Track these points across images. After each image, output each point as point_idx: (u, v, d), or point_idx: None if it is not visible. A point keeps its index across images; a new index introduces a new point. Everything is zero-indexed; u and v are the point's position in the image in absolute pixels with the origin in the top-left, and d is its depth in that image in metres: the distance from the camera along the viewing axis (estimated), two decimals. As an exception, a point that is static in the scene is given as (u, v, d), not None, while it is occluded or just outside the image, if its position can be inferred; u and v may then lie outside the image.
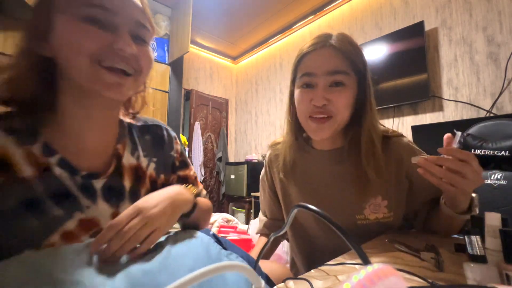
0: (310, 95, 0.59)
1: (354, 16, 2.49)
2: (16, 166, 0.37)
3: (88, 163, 0.43)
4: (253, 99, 3.67)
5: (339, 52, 0.59)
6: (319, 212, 0.31)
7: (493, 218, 0.38)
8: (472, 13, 1.78)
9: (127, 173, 0.47)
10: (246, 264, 0.40)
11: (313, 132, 0.62)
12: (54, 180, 0.39)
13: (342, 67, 0.58)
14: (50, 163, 0.39)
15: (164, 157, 0.55)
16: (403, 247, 0.49)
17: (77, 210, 0.40)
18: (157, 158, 0.54)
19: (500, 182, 1.01)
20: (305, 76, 0.60)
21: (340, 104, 0.58)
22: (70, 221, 0.39)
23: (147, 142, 0.53)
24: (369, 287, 0.12)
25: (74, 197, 0.40)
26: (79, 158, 0.42)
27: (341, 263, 0.44)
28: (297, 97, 0.63)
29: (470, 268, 0.34)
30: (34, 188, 0.37)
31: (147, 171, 0.51)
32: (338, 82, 0.58)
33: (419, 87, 1.91)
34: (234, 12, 2.84)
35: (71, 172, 0.40)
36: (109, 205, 0.43)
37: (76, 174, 0.41)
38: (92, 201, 0.42)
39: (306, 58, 0.62)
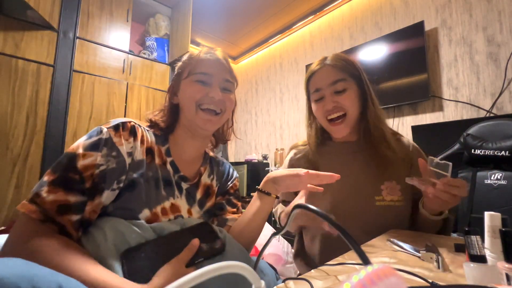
0: (322, 104, 0.78)
1: (354, 16, 2.49)
2: (155, 155, 0.60)
3: (183, 169, 0.64)
4: (253, 99, 3.67)
5: (334, 67, 0.78)
6: (319, 212, 0.31)
7: (493, 218, 0.38)
8: (472, 13, 1.78)
9: (201, 187, 0.67)
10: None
11: (334, 132, 0.79)
12: (167, 172, 0.60)
13: (338, 76, 0.76)
14: (167, 161, 0.62)
15: (225, 186, 0.74)
16: (403, 247, 0.49)
17: (172, 196, 0.59)
18: (221, 185, 0.73)
19: (500, 182, 1.01)
20: (315, 92, 0.80)
21: (347, 102, 0.75)
22: (167, 201, 0.58)
23: (220, 172, 0.74)
24: (369, 287, 0.12)
25: (173, 187, 0.60)
26: (180, 164, 0.64)
27: (341, 263, 0.44)
28: (314, 109, 0.83)
29: (470, 268, 0.34)
30: (158, 172, 0.59)
31: (215, 191, 0.71)
32: (340, 90, 0.75)
33: (419, 87, 1.91)
34: (234, 12, 2.84)
35: (174, 170, 0.62)
36: (187, 202, 0.62)
37: (177, 173, 0.62)
38: (180, 194, 0.61)
39: (313, 77, 0.82)
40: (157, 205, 0.55)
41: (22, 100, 1.81)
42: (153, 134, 0.62)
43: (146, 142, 0.59)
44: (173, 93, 0.68)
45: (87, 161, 0.48)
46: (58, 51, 1.99)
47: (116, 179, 0.51)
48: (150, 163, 0.58)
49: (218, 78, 0.64)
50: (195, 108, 0.62)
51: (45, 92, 1.92)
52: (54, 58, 1.97)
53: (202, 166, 0.69)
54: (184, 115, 0.65)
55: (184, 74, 0.64)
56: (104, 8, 2.25)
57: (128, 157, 0.54)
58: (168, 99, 0.69)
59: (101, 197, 0.48)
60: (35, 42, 1.90)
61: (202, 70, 0.63)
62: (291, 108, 3.08)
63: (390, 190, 0.73)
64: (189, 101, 0.62)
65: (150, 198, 0.55)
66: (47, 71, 1.94)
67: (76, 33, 2.08)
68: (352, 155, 0.80)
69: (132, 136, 0.56)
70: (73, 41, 2.07)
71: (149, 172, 0.56)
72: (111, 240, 0.46)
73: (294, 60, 3.10)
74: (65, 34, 2.03)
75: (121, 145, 0.53)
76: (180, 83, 0.65)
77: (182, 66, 0.67)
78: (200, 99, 0.62)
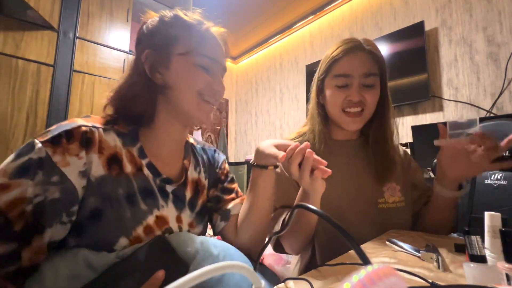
0: (346, 92, 0.68)
1: (354, 16, 2.49)
2: (124, 162, 0.46)
3: (165, 170, 0.51)
4: (253, 99, 3.67)
5: (373, 57, 0.69)
6: (319, 212, 0.31)
7: (493, 218, 0.38)
8: (472, 13, 1.78)
9: (190, 185, 0.56)
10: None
11: (347, 124, 0.70)
12: (144, 179, 0.47)
13: (374, 70, 0.68)
14: (142, 165, 0.48)
15: (215, 174, 0.64)
16: (403, 247, 0.49)
17: (155, 207, 0.47)
18: (210, 175, 0.63)
19: (500, 182, 1.01)
20: (342, 77, 0.68)
21: (371, 101, 0.68)
22: (151, 216, 0.46)
23: (205, 161, 0.63)
24: (369, 287, 0.12)
25: (155, 196, 0.48)
26: (160, 164, 0.51)
27: (341, 263, 0.44)
28: (332, 94, 0.70)
29: (470, 268, 0.34)
30: (132, 183, 0.46)
31: (206, 185, 0.61)
32: (369, 85, 0.68)
33: (419, 87, 1.91)
34: (234, 12, 2.84)
35: (154, 174, 0.49)
36: (175, 208, 0.51)
37: (158, 176, 0.49)
38: (165, 202, 0.50)
39: (343, 60, 0.69)
40: (137, 226, 0.44)
41: (22, 100, 1.81)
42: (117, 133, 0.47)
43: (107, 149, 0.44)
44: (153, 67, 0.50)
45: (12, 194, 0.35)
46: (58, 51, 1.99)
47: (64, 212, 0.38)
48: (117, 175, 0.44)
49: (221, 66, 0.54)
50: (196, 98, 0.50)
51: (45, 92, 1.92)
52: (54, 58, 1.97)
53: (185, 159, 0.57)
54: (175, 102, 0.51)
55: (179, 47, 0.50)
56: (104, 8, 2.25)
57: (80, 180, 0.40)
58: (145, 72, 0.49)
59: (42, 238, 0.36)
60: (35, 42, 1.90)
61: (208, 53, 0.51)
62: (291, 108, 3.08)
63: (391, 191, 0.71)
64: (190, 87, 0.50)
65: (125, 221, 0.43)
66: (47, 71, 1.94)
67: (76, 33, 2.08)
68: (353, 154, 0.76)
69: (84, 147, 0.41)
70: (73, 41, 2.07)
71: (117, 189, 0.43)
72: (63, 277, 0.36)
73: (294, 60, 3.10)
74: (65, 34, 2.03)
75: (66, 165, 0.38)
76: (170, 57, 0.49)
77: (172, 32, 0.50)
78: (203, 88, 0.51)
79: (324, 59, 0.74)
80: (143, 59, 0.49)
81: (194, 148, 0.63)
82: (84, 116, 0.47)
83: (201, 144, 0.67)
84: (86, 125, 0.43)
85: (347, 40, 0.71)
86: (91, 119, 0.46)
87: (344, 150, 0.76)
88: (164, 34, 0.50)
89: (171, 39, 0.50)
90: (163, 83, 0.50)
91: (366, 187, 0.71)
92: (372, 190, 0.71)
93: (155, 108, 0.52)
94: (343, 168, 0.73)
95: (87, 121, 0.45)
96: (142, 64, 0.50)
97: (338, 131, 0.77)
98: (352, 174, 0.73)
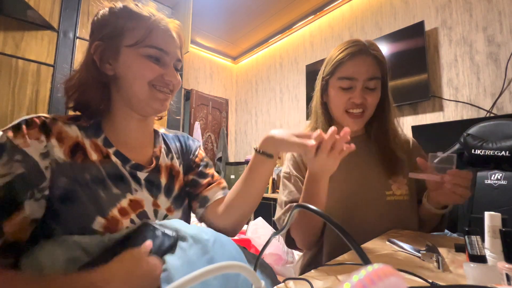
0: (349, 94, 0.71)
1: (354, 16, 2.49)
2: (88, 151, 0.48)
3: (133, 156, 0.53)
4: (253, 99, 3.67)
5: (377, 61, 0.71)
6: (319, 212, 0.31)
7: (493, 218, 0.38)
8: (472, 13, 1.78)
9: (163, 171, 0.57)
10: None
11: (349, 124, 0.73)
12: (113, 165, 0.50)
13: (377, 74, 0.71)
14: (109, 153, 0.50)
15: (189, 160, 0.65)
16: (403, 247, 0.49)
17: (128, 191, 0.49)
18: (184, 162, 0.64)
19: (500, 182, 1.01)
20: (346, 80, 0.71)
21: (372, 102, 0.72)
22: (124, 199, 0.48)
23: (178, 148, 0.64)
24: (369, 286, 0.12)
25: (127, 181, 0.50)
26: (128, 152, 0.53)
27: (341, 263, 0.44)
28: (336, 95, 0.74)
29: (470, 268, 0.34)
30: (100, 170, 0.48)
31: (180, 171, 0.61)
32: (371, 88, 0.71)
33: (419, 87, 1.91)
34: (234, 12, 2.84)
35: (123, 161, 0.51)
36: (150, 194, 0.52)
37: (127, 163, 0.51)
38: (139, 186, 0.51)
39: (348, 63, 0.71)
40: (112, 207, 0.46)
41: (22, 100, 1.81)
42: (78, 127, 0.49)
43: (67, 139, 0.47)
44: (103, 59, 0.51)
45: None
46: (58, 51, 1.99)
47: (35, 188, 0.41)
48: (83, 162, 0.47)
49: (173, 57, 0.54)
50: (148, 87, 0.51)
51: (45, 92, 1.92)
52: (54, 58, 1.97)
53: (155, 147, 0.59)
54: (127, 92, 0.52)
55: (127, 39, 0.50)
56: (104, 8, 2.25)
57: (43, 160, 0.43)
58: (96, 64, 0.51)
59: (22, 211, 0.39)
60: (35, 42, 1.90)
61: (157, 44, 0.51)
62: (291, 108, 3.08)
63: (399, 184, 0.73)
64: (139, 79, 0.50)
65: (99, 202, 0.45)
66: (47, 71, 1.94)
67: (76, 33, 2.08)
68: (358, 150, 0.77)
69: (43, 133, 0.44)
70: (73, 41, 2.06)
71: (85, 175, 0.46)
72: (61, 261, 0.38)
73: (294, 60, 3.10)
74: (65, 34, 2.03)
75: (26, 146, 0.42)
76: (119, 49, 0.50)
77: (121, 23, 0.50)
78: (153, 79, 0.51)
79: (329, 60, 0.76)
80: (92, 50, 0.50)
81: (165, 136, 0.64)
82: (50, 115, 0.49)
83: (173, 133, 0.68)
84: (45, 116, 0.46)
85: (352, 42, 0.73)
86: (54, 115, 0.49)
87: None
88: (113, 26, 0.51)
89: (119, 31, 0.50)
90: (114, 74, 0.51)
91: (373, 180, 0.74)
92: (380, 183, 0.73)
93: (110, 99, 0.54)
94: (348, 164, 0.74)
95: (48, 115, 0.48)
96: (91, 55, 0.51)
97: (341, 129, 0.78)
98: (358, 169, 0.75)
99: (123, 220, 0.46)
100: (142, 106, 0.53)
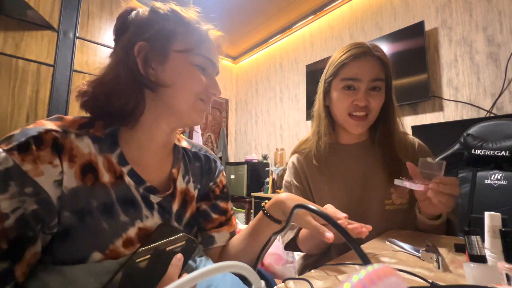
0: (353, 96, 0.69)
1: (354, 16, 2.49)
2: (100, 171, 0.42)
3: (149, 177, 0.47)
4: (253, 99, 3.67)
5: (381, 62, 0.70)
6: (319, 212, 0.31)
7: (493, 218, 0.38)
8: (472, 13, 1.78)
9: (178, 196, 0.51)
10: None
11: (352, 127, 0.71)
12: (125, 188, 0.43)
13: (381, 75, 0.70)
14: (123, 172, 0.44)
15: (207, 188, 0.59)
16: (403, 247, 0.49)
17: (138, 218, 0.44)
18: (201, 186, 0.57)
19: (500, 182, 1.01)
20: (350, 80, 0.69)
21: (376, 105, 0.70)
22: (132, 228, 0.43)
23: (197, 169, 0.57)
24: (369, 286, 0.12)
25: (138, 206, 0.44)
26: (143, 171, 0.47)
27: (341, 263, 0.44)
28: (339, 97, 0.72)
29: (470, 268, 0.34)
30: (110, 193, 0.42)
31: (195, 196, 0.56)
32: (375, 90, 0.70)
33: (419, 87, 1.91)
34: (234, 12, 2.84)
35: (137, 182, 0.45)
36: (162, 219, 0.47)
37: (141, 185, 0.45)
38: (150, 212, 0.46)
39: (352, 64, 0.69)
40: (116, 239, 0.40)
41: (22, 100, 1.81)
42: (92, 139, 0.43)
43: (78, 157, 0.40)
44: (147, 61, 0.45)
45: None
46: (58, 51, 1.99)
47: (45, 224, 0.36)
48: (92, 186, 0.40)
49: (216, 68, 0.52)
50: (194, 99, 0.48)
51: (45, 92, 1.92)
52: (54, 58, 1.97)
53: (174, 167, 0.52)
54: (170, 102, 0.47)
55: (178, 44, 0.46)
56: (104, 8, 2.25)
57: (56, 189, 0.37)
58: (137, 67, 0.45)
59: (35, 247, 0.35)
60: (35, 42, 1.90)
61: (207, 53, 0.49)
62: (291, 108, 3.08)
63: (400, 193, 0.70)
64: (188, 89, 0.47)
65: (99, 236, 0.39)
66: (47, 71, 1.94)
67: (76, 33, 2.08)
68: (360, 157, 0.75)
69: (57, 154, 0.38)
70: (73, 41, 2.06)
71: (91, 201, 0.40)
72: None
73: (294, 60, 3.10)
74: (65, 34, 2.03)
75: (39, 175, 0.35)
76: (168, 54, 0.45)
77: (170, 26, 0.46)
78: (201, 92, 0.48)
79: (332, 62, 0.74)
80: (136, 51, 0.44)
81: (186, 153, 0.58)
82: (55, 118, 0.42)
83: (196, 148, 0.61)
84: (55, 130, 0.39)
85: (356, 44, 0.72)
86: (63, 121, 0.42)
87: (350, 153, 0.76)
88: (160, 27, 0.46)
89: (168, 34, 0.46)
90: (156, 79, 0.45)
91: (373, 189, 0.71)
92: (380, 191, 0.71)
93: (142, 106, 0.46)
94: (349, 171, 0.74)
95: (57, 124, 0.40)
96: (134, 57, 0.44)
97: (344, 134, 0.78)
98: (358, 177, 0.73)
99: (126, 252, 0.41)
100: (181, 117, 0.48)
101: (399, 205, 0.70)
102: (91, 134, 0.43)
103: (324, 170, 0.74)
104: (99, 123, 0.45)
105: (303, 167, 0.78)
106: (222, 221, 0.58)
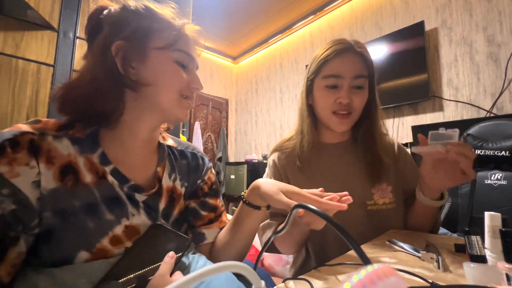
0: (336, 94, 0.68)
1: (354, 16, 2.49)
2: (81, 172, 0.42)
3: (133, 176, 0.47)
4: (253, 99, 3.67)
5: (363, 59, 0.69)
6: (319, 212, 0.31)
7: (493, 218, 0.38)
8: (472, 13, 1.78)
9: (164, 194, 0.51)
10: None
11: (336, 125, 0.70)
12: (109, 187, 0.43)
13: (364, 72, 0.68)
14: (105, 172, 0.43)
15: (195, 185, 0.58)
16: (403, 247, 0.49)
17: (124, 216, 0.44)
18: (188, 184, 0.57)
19: (500, 182, 1.01)
20: (332, 77, 0.68)
21: (359, 103, 0.68)
22: (119, 226, 0.43)
23: (183, 167, 0.57)
24: (369, 286, 0.12)
25: (123, 204, 0.44)
26: (127, 170, 0.46)
27: (341, 263, 0.44)
28: (322, 95, 0.70)
29: (470, 268, 0.34)
30: (93, 193, 0.42)
31: (182, 193, 0.55)
32: (358, 87, 0.68)
33: (419, 87, 1.91)
34: (234, 12, 2.84)
35: (121, 181, 0.45)
36: (148, 217, 0.47)
37: (125, 184, 0.45)
38: (137, 210, 0.46)
39: (334, 61, 0.68)
40: (101, 237, 0.41)
41: (22, 100, 1.81)
42: (71, 140, 0.42)
43: (57, 158, 0.40)
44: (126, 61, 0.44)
45: None
46: (58, 51, 1.98)
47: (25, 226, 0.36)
48: (72, 187, 0.40)
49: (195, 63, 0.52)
50: (177, 96, 0.47)
51: (45, 92, 1.92)
52: (54, 58, 1.97)
53: (159, 166, 0.52)
54: (153, 100, 0.46)
55: (156, 41, 0.45)
56: (104, 8, 2.26)
57: (34, 190, 0.37)
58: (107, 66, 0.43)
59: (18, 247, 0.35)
60: (35, 42, 1.90)
61: (185, 48, 0.48)
62: (291, 108, 3.08)
63: (382, 192, 0.70)
64: (170, 86, 0.46)
65: (85, 235, 0.40)
66: (47, 71, 1.94)
67: (76, 33, 2.08)
68: (342, 157, 0.75)
69: (33, 156, 0.38)
70: (73, 41, 2.06)
71: (74, 202, 0.40)
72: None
73: (294, 60, 3.10)
74: (65, 34, 2.03)
75: (14, 176, 0.35)
76: (147, 51, 0.45)
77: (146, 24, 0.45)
78: (183, 88, 0.48)
79: (314, 59, 0.72)
80: (114, 51, 0.43)
81: (172, 151, 0.57)
82: (32, 121, 0.42)
83: (183, 146, 0.60)
84: (31, 132, 0.39)
85: (337, 41, 0.70)
86: (40, 124, 0.41)
87: (332, 153, 0.75)
88: (136, 25, 0.45)
89: (146, 31, 0.45)
90: (137, 78, 0.44)
91: (355, 189, 0.69)
92: (362, 192, 0.70)
93: (122, 107, 0.45)
94: (330, 171, 0.73)
95: (34, 127, 0.40)
96: (112, 57, 0.43)
97: (327, 133, 0.77)
98: (340, 177, 0.72)
99: (114, 250, 0.41)
100: (164, 114, 0.48)
101: (382, 205, 0.69)
102: (70, 135, 0.43)
103: (305, 170, 0.73)
104: (79, 124, 0.44)
105: (284, 165, 0.77)
106: (212, 218, 0.58)
